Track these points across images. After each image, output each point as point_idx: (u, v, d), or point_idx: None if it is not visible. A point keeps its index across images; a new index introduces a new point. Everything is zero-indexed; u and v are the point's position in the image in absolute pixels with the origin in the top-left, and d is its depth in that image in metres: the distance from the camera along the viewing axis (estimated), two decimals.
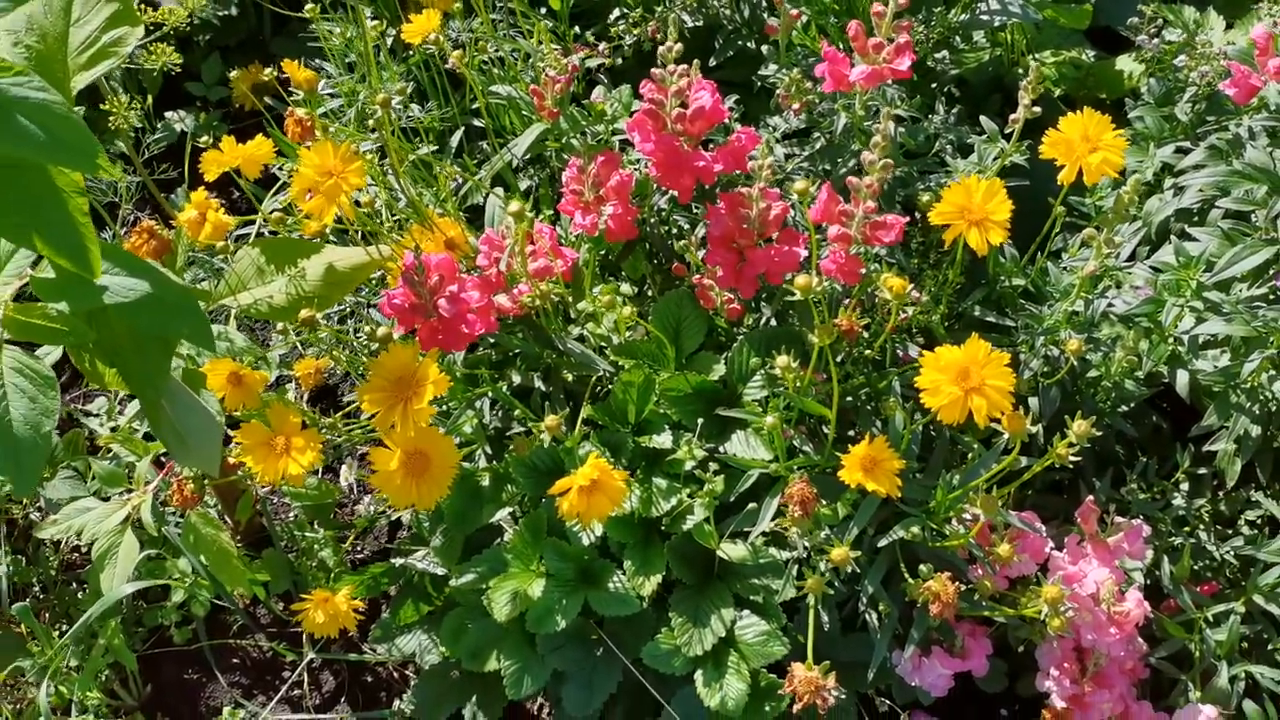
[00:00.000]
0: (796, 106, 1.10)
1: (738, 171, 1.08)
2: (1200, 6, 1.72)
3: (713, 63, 1.49)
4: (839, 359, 1.09)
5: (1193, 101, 1.18)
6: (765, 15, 1.50)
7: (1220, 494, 1.21)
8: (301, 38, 1.65)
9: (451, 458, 0.93)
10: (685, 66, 0.99)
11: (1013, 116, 1.04)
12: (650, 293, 1.25)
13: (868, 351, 1.01)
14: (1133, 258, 1.25)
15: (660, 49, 0.99)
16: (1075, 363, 1.04)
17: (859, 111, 1.05)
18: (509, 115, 1.43)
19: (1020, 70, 1.62)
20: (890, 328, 0.98)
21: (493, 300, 1.07)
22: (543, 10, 1.58)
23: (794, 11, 1.10)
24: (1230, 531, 1.20)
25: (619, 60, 1.30)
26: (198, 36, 1.73)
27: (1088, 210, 1.25)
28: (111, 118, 1.08)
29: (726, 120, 1.06)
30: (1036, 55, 1.63)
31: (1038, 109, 1.03)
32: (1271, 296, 1.08)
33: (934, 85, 1.48)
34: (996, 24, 1.36)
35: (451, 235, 1.22)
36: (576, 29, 1.54)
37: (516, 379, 1.18)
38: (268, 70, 1.70)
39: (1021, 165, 1.09)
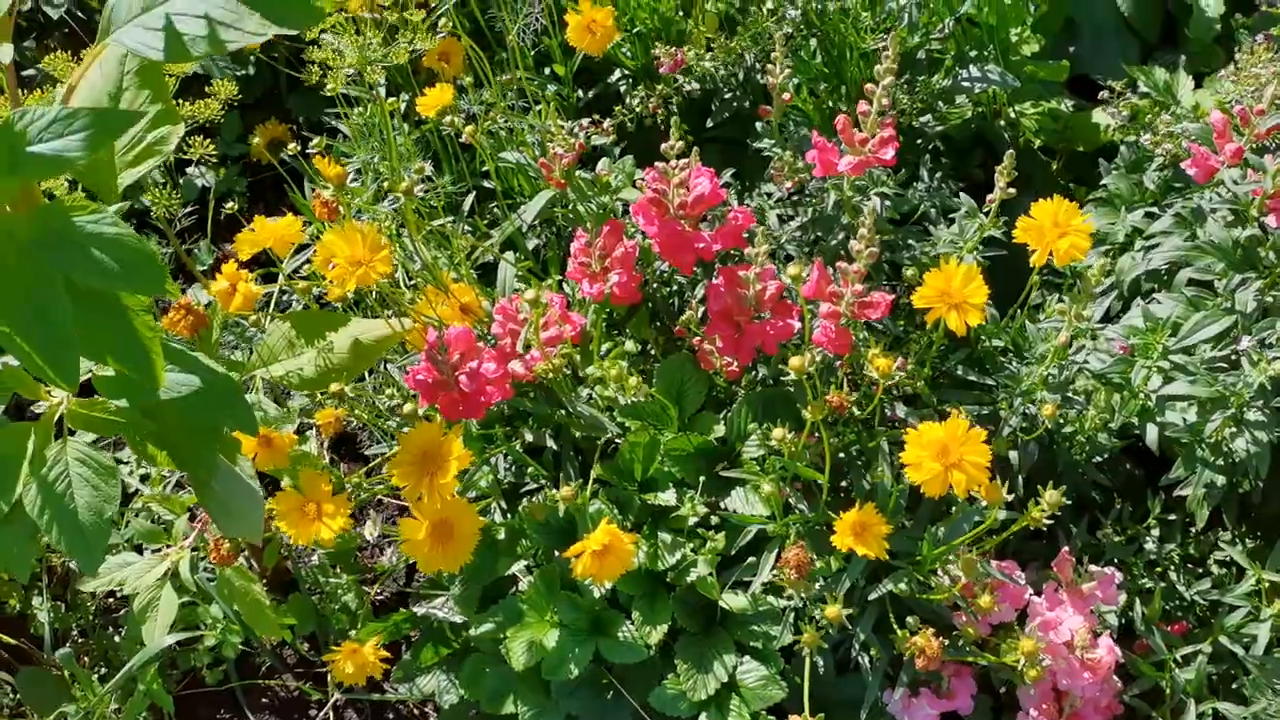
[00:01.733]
0: (789, 185, 1.18)
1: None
2: (1171, 66, 1.80)
3: (710, 124, 1.57)
4: (831, 422, 1.17)
5: (1159, 170, 1.26)
6: (759, 77, 1.58)
7: (1191, 535, 1.29)
8: (317, 95, 1.73)
9: (474, 525, 1.01)
10: (686, 160, 1.07)
11: (990, 196, 1.12)
12: (654, 351, 1.33)
13: (858, 412, 1.09)
14: (1107, 314, 1.33)
15: (664, 145, 1.07)
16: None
17: (848, 191, 1.13)
18: (518, 178, 1.50)
19: (1002, 123, 1.70)
20: (878, 398, 1.05)
21: (508, 369, 1.14)
22: (547, 71, 1.66)
23: (785, 95, 1.18)
24: (1201, 571, 1.28)
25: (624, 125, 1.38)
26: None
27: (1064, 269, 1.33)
28: (154, 206, 1.16)
29: (725, 198, 1.14)
30: (1017, 107, 1.71)
31: (1013, 190, 1.11)
32: (1233, 356, 1.16)
33: (919, 142, 1.56)
34: (976, 90, 1.44)
35: (466, 301, 1.30)
36: (580, 91, 1.62)
37: (529, 436, 1.26)
38: (284, 127, 1.78)
39: (998, 237, 1.17)
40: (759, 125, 1.24)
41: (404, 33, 1.22)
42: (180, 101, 1.29)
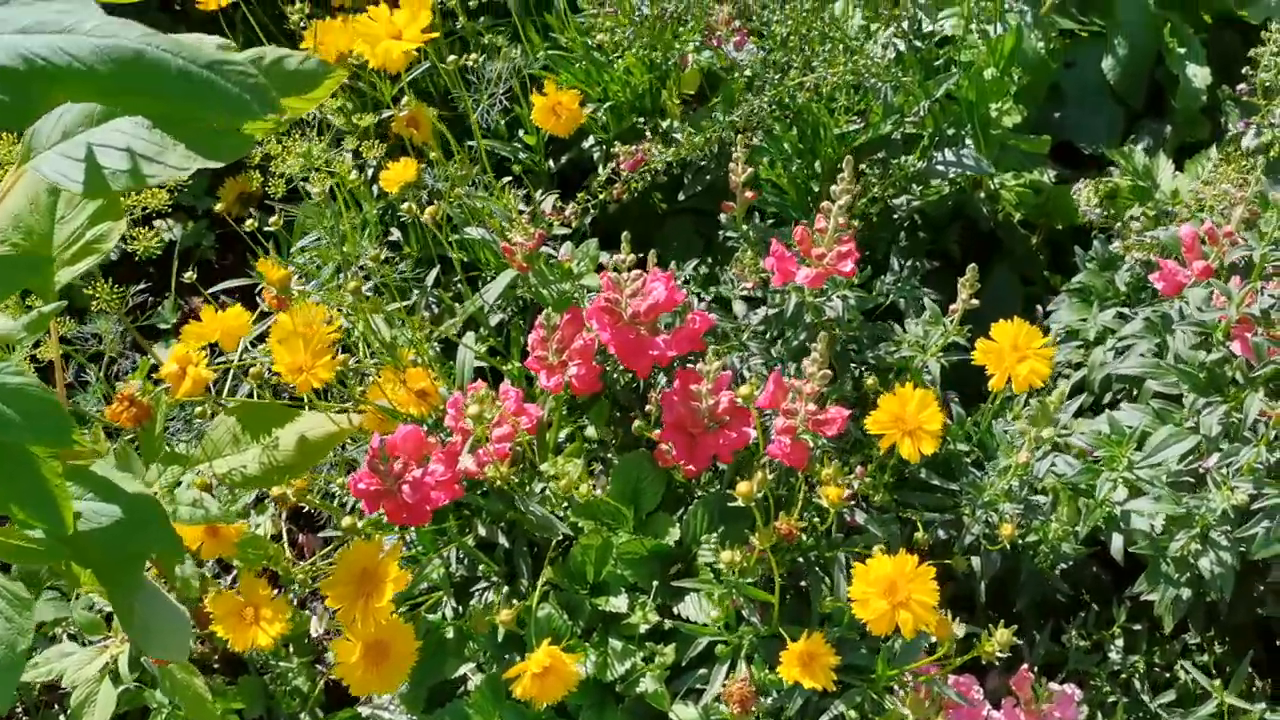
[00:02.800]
0: (751, 284, 1.15)
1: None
2: (1157, 137, 1.78)
3: (681, 197, 1.54)
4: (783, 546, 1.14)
5: (1130, 271, 1.23)
6: (732, 149, 1.55)
7: (1158, 637, 1.26)
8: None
9: (411, 645, 0.98)
10: (639, 271, 1.04)
11: (952, 307, 1.10)
12: (614, 441, 1.30)
13: (807, 539, 1.06)
14: (1078, 410, 1.30)
15: (613, 258, 1.04)
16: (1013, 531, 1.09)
17: (808, 297, 1.10)
18: (485, 251, 1.48)
19: (982, 195, 1.67)
20: (831, 518, 1.03)
21: (456, 471, 1.11)
22: (522, 132, 1.64)
23: (749, 193, 1.15)
24: (1167, 678, 1.25)
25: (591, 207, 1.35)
26: None
27: None
28: (95, 302, 1.13)
29: (683, 299, 1.11)
30: (998, 179, 1.68)
31: (975, 301, 1.08)
32: (1200, 471, 1.13)
33: (895, 218, 1.53)
34: (951, 174, 1.41)
35: (422, 386, 1.28)
36: (551, 162, 1.59)
37: (482, 531, 1.23)
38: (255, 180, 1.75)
39: (962, 343, 1.14)
40: (723, 218, 1.21)
41: (349, 140, 1.19)
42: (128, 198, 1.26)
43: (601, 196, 1.27)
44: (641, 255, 1.09)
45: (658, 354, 1.07)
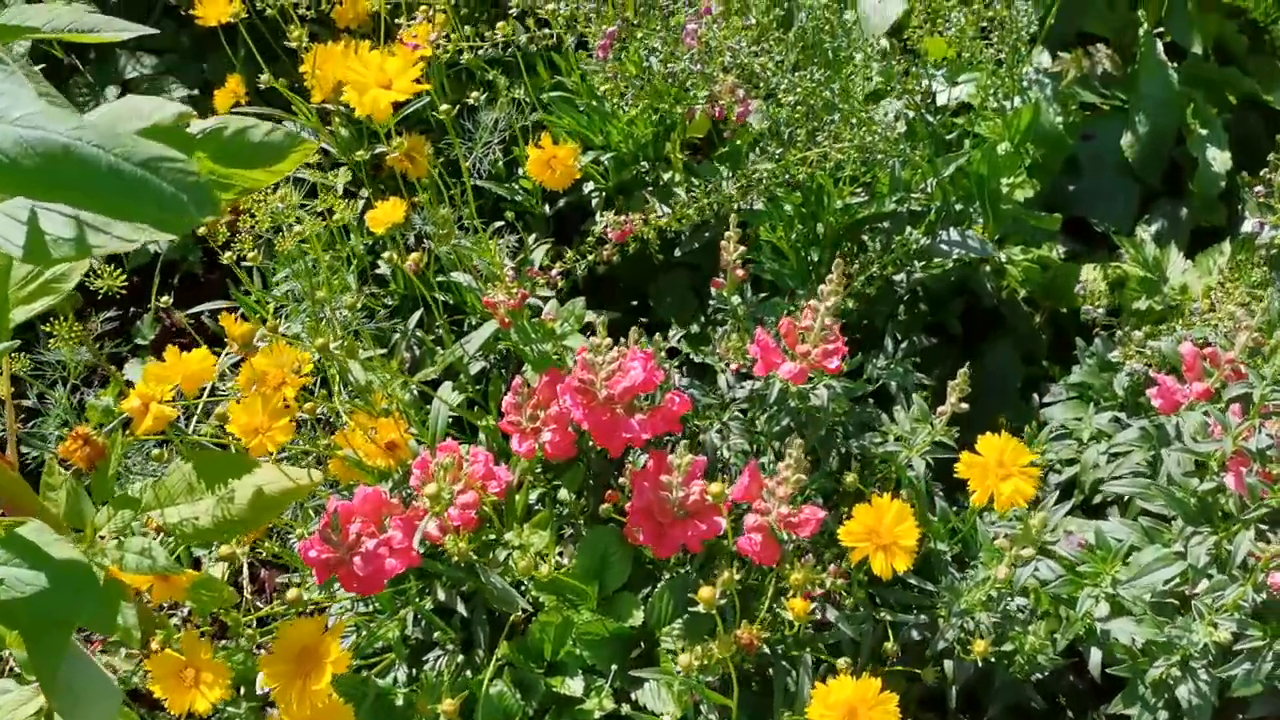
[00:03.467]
0: (735, 365, 1.11)
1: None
2: (1171, 219, 1.73)
3: (678, 253, 1.50)
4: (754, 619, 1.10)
5: (1130, 376, 1.19)
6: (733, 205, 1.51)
7: None
8: None
9: None
10: (617, 351, 1.00)
11: (940, 409, 1.05)
12: (584, 510, 1.26)
13: (767, 650, 1.02)
14: (1066, 495, 1.26)
15: (590, 341, 1.00)
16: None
17: (793, 387, 1.06)
18: (470, 295, 1.44)
19: (987, 268, 1.62)
20: (800, 626, 0.99)
21: (413, 539, 1.08)
22: (520, 172, 1.60)
23: (741, 271, 1.11)
24: None
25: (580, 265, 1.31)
26: None
27: None
28: (53, 340, 1.09)
29: (661, 379, 1.07)
30: (1005, 251, 1.64)
31: (965, 405, 1.04)
32: (1185, 593, 1.09)
33: (895, 291, 1.49)
34: (955, 255, 1.37)
35: (392, 438, 1.24)
36: (548, 206, 1.55)
37: (441, 595, 1.19)
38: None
39: (948, 444, 1.09)
40: (712, 291, 1.17)
41: (324, 197, 1.15)
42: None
43: (591, 258, 1.23)
44: (620, 329, 1.05)
45: (631, 436, 1.03)
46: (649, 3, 1.19)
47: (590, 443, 1.24)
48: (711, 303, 1.22)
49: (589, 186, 1.56)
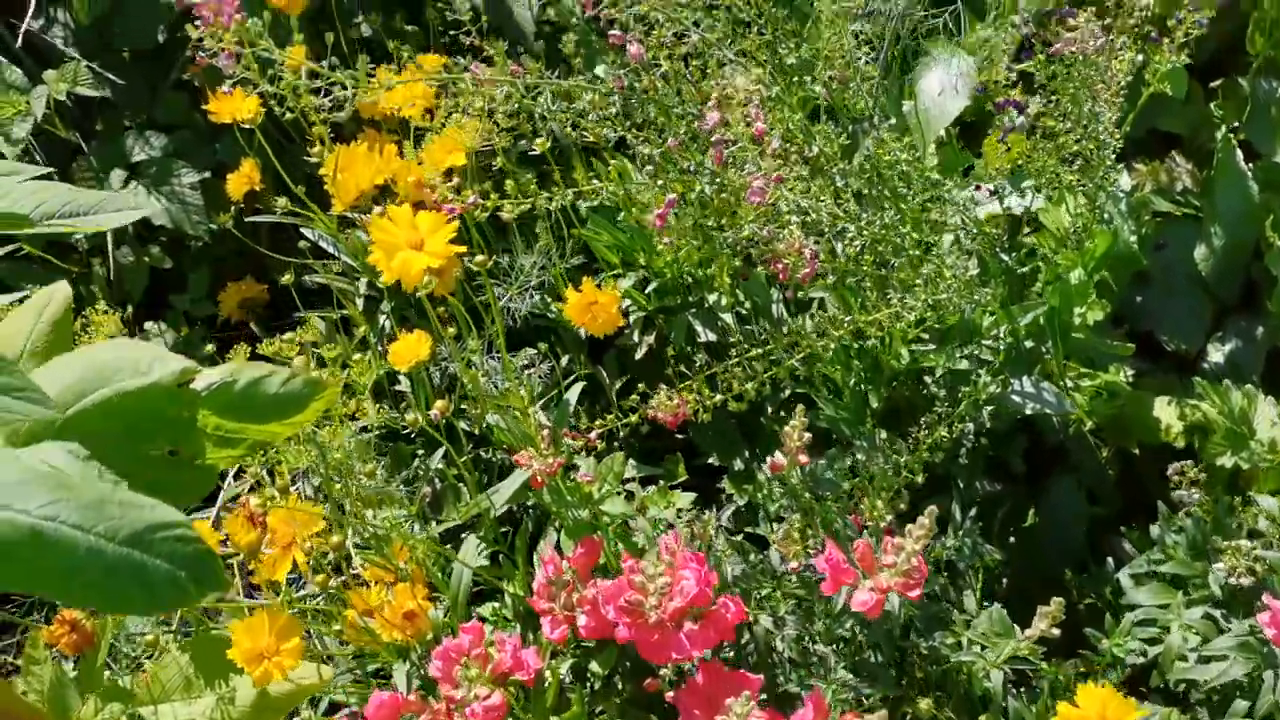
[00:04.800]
0: (794, 565, 1.00)
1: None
2: (1246, 338, 1.62)
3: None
4: None
5: (1228, 574, 1.07)
6: (785, 327, 1.40)
7: None
8: (298, 249, 1.55)
9: None
10: (666, 580, 0.89)
11: (1027, 632, 0.94)
12: (621, 689, 1.15)
13: None
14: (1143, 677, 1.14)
15: (639, 575, 0.89)
16: None
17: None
18: (498, 431, 1.33)
19: None
20: None
21: None
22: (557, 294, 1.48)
23: (804, 458, 1.00)
24: None
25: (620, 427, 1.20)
26: (189, 241, 1.64)
27: None
28: None
29: (715, 582, 0.96)
30: (1070, 377, 1.52)
31: (1056, 631, 0.93)
32: None
33: (963, 444, 1.38)
34: (1028, 410, 1.25)
35: (410, 607, 1.13)
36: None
37: None
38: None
39: (1033, 662, 0.98)
40: (769, 473, 1.05)
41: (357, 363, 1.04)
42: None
43: (633, 419, 1.12)
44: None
45: (681, 655, 0.92)
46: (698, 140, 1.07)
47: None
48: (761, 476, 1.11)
49: (627, 302, 1.44)
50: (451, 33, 1.34)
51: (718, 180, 0.98)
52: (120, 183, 1.53)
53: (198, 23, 0.95)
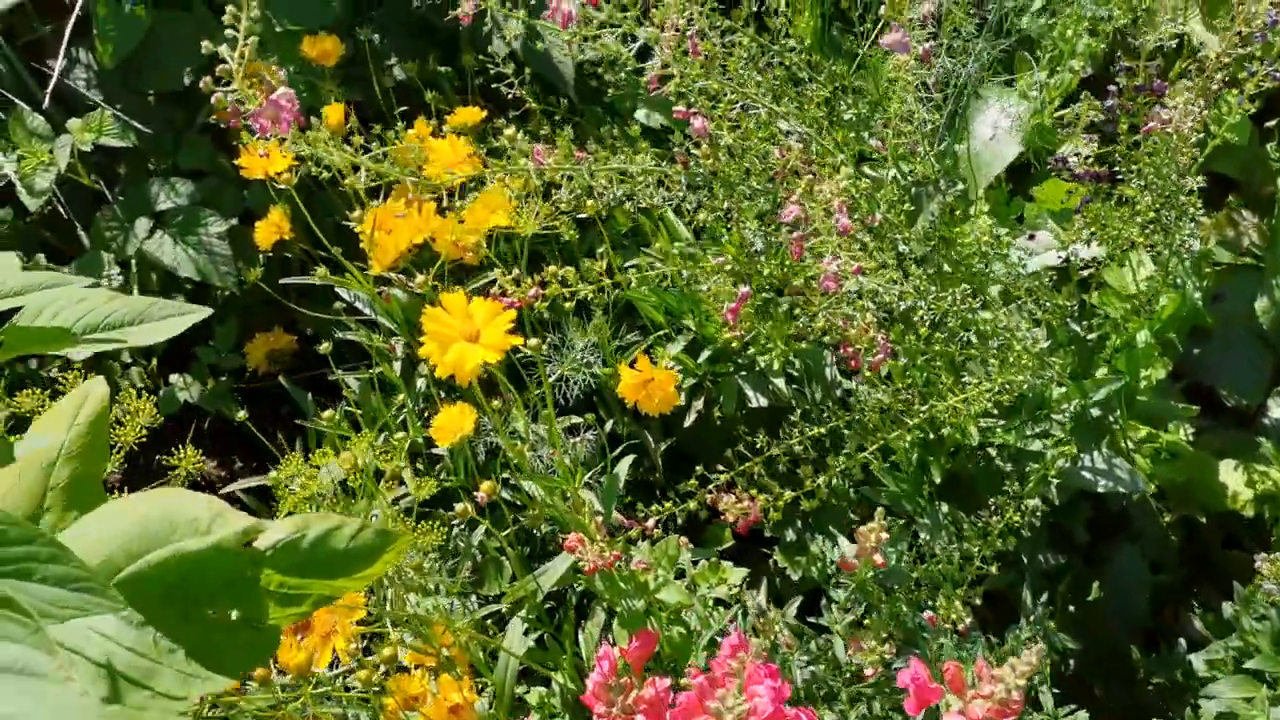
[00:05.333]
0: (870, 672, 0.94)
1: None
2: None
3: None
4: None
5: None
6: (839, 390, 1.35)
7: None
8: (327, 303, 1.50)
9: None
10: (746, 706, 0.83)
11: None
12: None
13: None
14: None
15: (715, 701, 0.83)
16: None
17: None
18: (544, 507, 1.27)
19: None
20: None
21: None
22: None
23: (880, 559, 0.94)
24: None
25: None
26: (216, 292, 1.58)
27: None
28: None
29: (787, 693, 0.90)
30: (1132, 436, 1.46)
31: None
32: None
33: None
34: (1100, 488, 1.20)
35: (455, 700, 1.08)
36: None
37: None
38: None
39: None
40: (843, 576, 1.00)
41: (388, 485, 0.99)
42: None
43: (690, 505, 1.07)
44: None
45: None
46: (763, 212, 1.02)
47: None
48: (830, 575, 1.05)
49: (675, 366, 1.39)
50: (491, 83, 1.28)
51: (786, 264, 0.93)
52: (145, 232, 1.48)
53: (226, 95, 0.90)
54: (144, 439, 0.99)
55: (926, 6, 0.99)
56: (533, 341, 1.01)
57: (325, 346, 1.20)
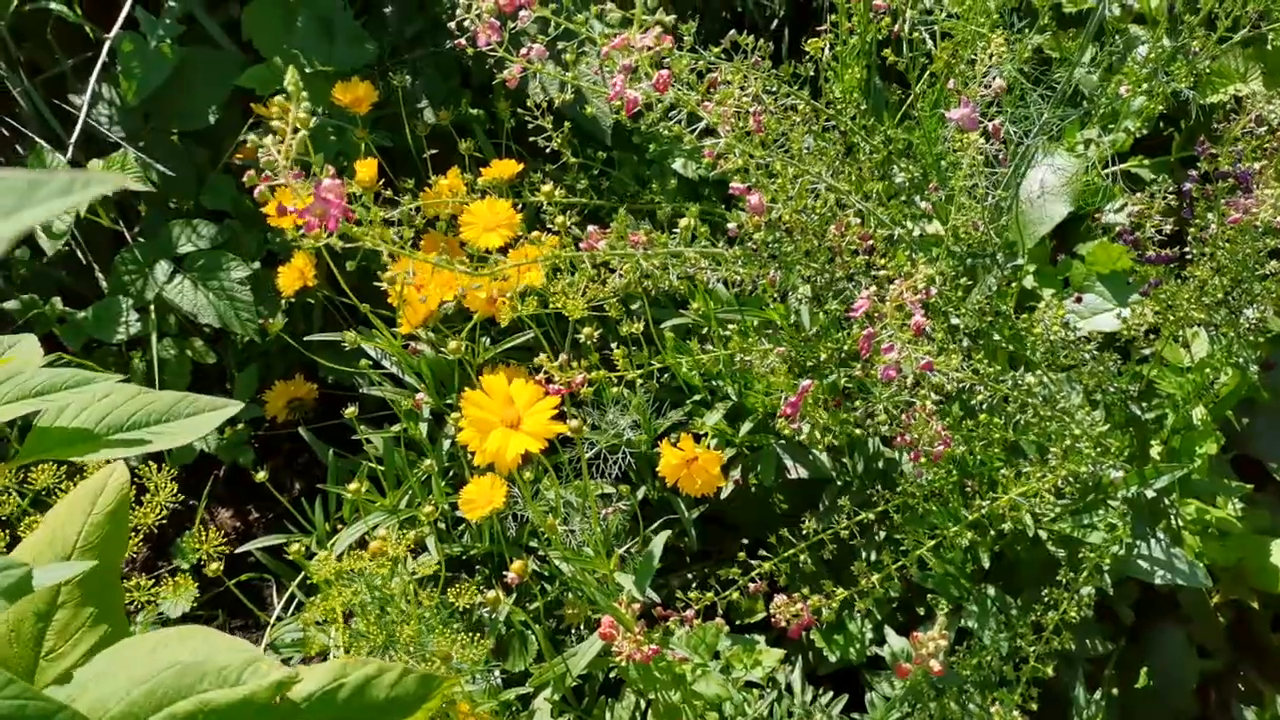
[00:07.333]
0: None
1: None
2: None
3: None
4: None
5: None
6: (880, 462, 1.30)
7: None
8: (349, 354, 1.45)
9: None
10: None
11: None
12: None
13: None
14: None
15: None
16: None
17: None
18: (573, 582, 1.22)
19: (1161, 535, 1.39)
20: None
21: None
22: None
23: (938, 666, 0.89)
24: None
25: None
26: (237, 337, 1.54)
27: None
28: None
29: None
30: (1181, 513, 1.41)
31: None
32: None
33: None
34: (1157, 580, 1.14)
35: None
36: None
37: None
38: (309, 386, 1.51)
39: None
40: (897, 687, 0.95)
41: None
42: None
43: (732, 594, 1.01)
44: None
45: None
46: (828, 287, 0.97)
47: None
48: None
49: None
50: (526, 126, 1.24)
51: (844, 349, 0.88)
52: (165, 276, 1.44)
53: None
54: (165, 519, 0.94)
55: (998, 82, 0.94)
56: (573, 423, 0.96)
57: (350, 411, 1.15)
